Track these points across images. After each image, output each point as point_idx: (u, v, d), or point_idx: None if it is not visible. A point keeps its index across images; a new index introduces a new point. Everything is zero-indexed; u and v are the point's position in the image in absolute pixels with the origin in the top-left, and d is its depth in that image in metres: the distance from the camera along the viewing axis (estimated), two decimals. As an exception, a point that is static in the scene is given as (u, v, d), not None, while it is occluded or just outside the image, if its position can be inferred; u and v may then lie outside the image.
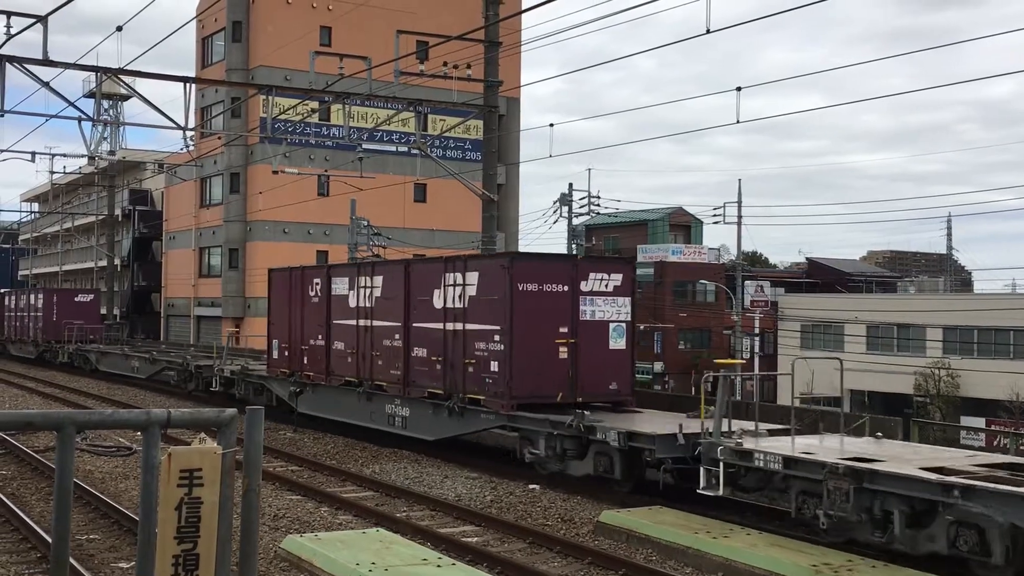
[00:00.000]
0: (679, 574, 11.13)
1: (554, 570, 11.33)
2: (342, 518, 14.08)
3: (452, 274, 18.28)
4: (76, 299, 47.37)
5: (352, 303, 21.39)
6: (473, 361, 17.49)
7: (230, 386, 27.02)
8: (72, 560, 9.06)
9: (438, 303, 18.51)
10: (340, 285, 22.01)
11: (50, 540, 4.47)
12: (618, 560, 11.40)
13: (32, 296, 49.64)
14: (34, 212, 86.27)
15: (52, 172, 55.12)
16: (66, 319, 44.73)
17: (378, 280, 20.69)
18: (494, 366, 17.05)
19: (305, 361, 23.03)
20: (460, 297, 17.96)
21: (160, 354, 34.85)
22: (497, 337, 17.00)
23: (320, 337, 22.46)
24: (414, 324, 19.18)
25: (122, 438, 20.59)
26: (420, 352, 19.06)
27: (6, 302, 53.79)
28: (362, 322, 20.92)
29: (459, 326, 17.93)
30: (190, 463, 4.36)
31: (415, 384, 19.11)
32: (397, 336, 19.71)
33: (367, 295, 20.89)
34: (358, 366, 20.98)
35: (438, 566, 10.25)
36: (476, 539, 12.69)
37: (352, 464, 18.64)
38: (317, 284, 22.86)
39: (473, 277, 17.79)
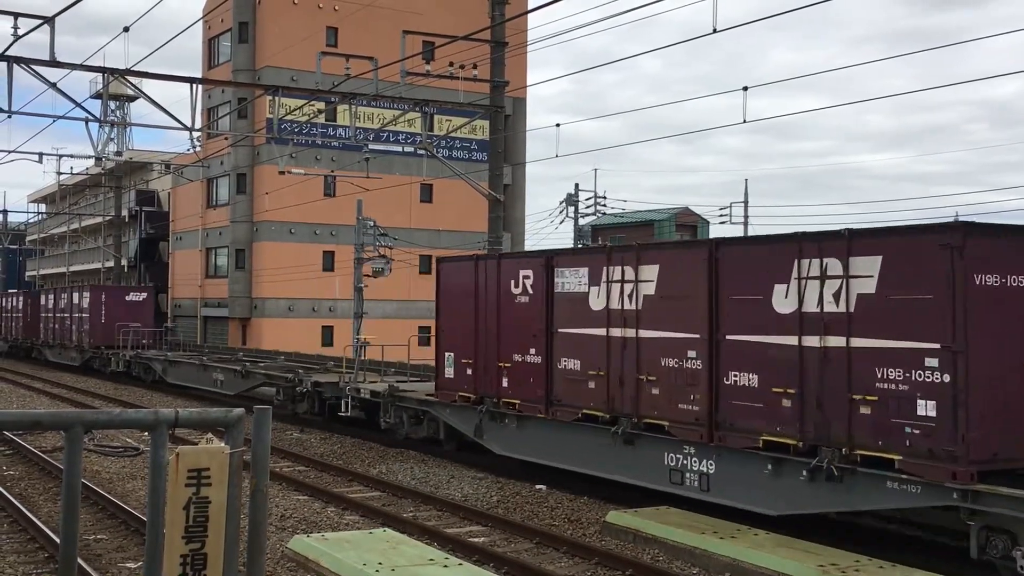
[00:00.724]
0: (686, 574, 11.12)
1: (561, 570, 11.33)
2: (349, 518, 14.10)
3: (818, 260, 12.07)
4: (128, 297, 41.82)
5: (597, 304, 15.22)
6: (872, 398, 11.38)
7: (369, 411, 21.88)
8: (80, 560, 9.07)
9: (784, 305, 12.45)
10: (572, 279, 15.84)
11: (58, 540, 4.48)
12: (625, 560, 11.40)
13: (76, 295, 43.81)
14: (41, 213, 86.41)
15: (59, 173, 55.18)
16: (118, 321, 39.44)
17: (649, 271, 14.39)
18: (924, 407, 10.91)
19: (504, 383, 17.10)
20: (838, 296, 11.84)
21: (255, 366, 28.62)
22: (931, 361, 10.86)
23: (533, 352, 16.45)
24: (730, 337, 13.07)
25: (129, 438, 20.63)
26: (743, 378, 12.96)
27: (42, 302, 48.87)
28: (617, 331, 14.76)
29: (836, 341, 11.80)
30: (198, 463, 4.36)
31: (732, 427, 12.99)
32: (693, 353, 13.53)
33: (628, 293, 14.70)
34: (609, 394, 14.83)
35: (445, 566, 10.24)
36: (483, 539, 12.69)
37: (359, 464, 18.66)
38: (526, 278, 16.84)
39: (869, 264, 11.53)
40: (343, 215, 45.08)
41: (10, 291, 63.34)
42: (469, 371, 18.04)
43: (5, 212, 75.44)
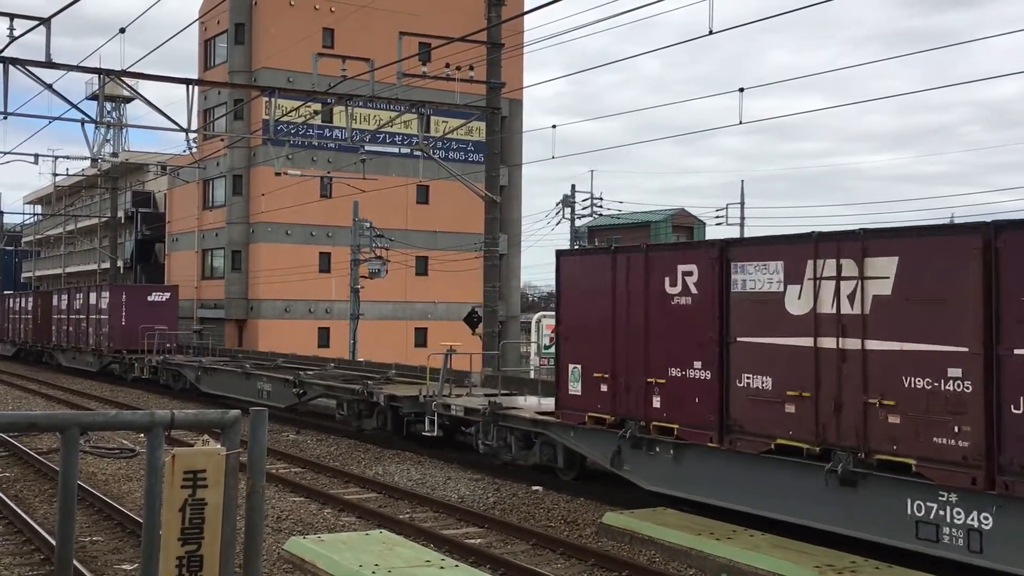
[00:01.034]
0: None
1: (557, 572, 11.33)
2: (345, 520, 14.09)
3: None
4: (149, 298, 38.35)
5: (798, 308, 12.00)
6: None
7: (450, 429, 19.29)
8: (76, 562, 9.06)
9: None
10: (759, 275, 12.57)
11: (54, 542, 4.47)
12: (621, 562, 11.40)
13: (93, 295, 40.69)
14: (37, 214, 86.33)
15: (55, 174, 55.13)
16: (142, 323, 36.31)
17: (882, 265, 11.11)
18: None
19: (655, 404, 13.88)
20: None
21: (308, 374, 25.07)
22: None
23: (699, 365, 13.26)
24: (1020, 351, 9.94)
25: (125, 440, 20.60)
26: None
27: (54, 302, 45.35)
28: (830, 342, 11.57)
29: None
30: (194, 464, 4.36)
31: None
32: (957, 372, 10.38)
33: (848, 293, 11.46)
34: (818, 422, 11.67)
35: (441, 567, 10.24)
36: (479, 541, 12.69)
37: (355, 466, 18.65)
38: (688, 275, 13.63)
39: None
40: (339, 216, 45.09)
41: (20, 291, 60.09)
42: (604, 387, 14.74)
43: (1, 213, 75.30)
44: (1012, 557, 9.86)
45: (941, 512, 10.60)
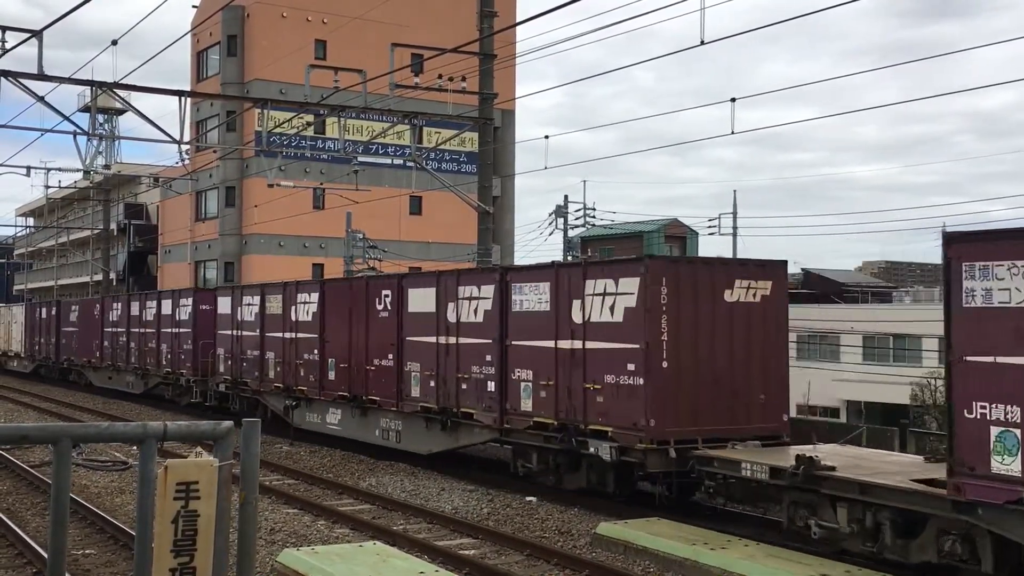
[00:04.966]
0: (677, 586, 11.10)
1: (552, 582, 11.30)
2: (339, 531, 14.05)
3: None
4: (203, 307, 29.38)
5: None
6: None
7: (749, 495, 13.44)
8: (68, 575, 9.03)
9: None
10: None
11: (46, 555, 4.46)
12: (616, 572, 11.38)
13: (135, 304, 33.85)
14: (29, 226, 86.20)
15: (47, 186, 55.09)
16: (203, 338, 28.60)
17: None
18: None
19: None
20: None
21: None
22: None
23: None
24: None
25: (118, 452, 20.55)
26: None
27: (94, 311, 38.04)
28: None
29: None
30: (187, 476, 4.35)
31: None
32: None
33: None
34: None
35: (435, 579, 10.21)
36: (473, 552, 12.66)
37: (348, 477, 18.61)
38: None
39: None
40: (332, 228, 45.09)
41: (42, 301, 52.38)
42: None
43: (-7, 226, 75.08)
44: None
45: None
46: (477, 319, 17.38)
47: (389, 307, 19.98)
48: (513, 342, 16.52)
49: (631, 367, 14.27)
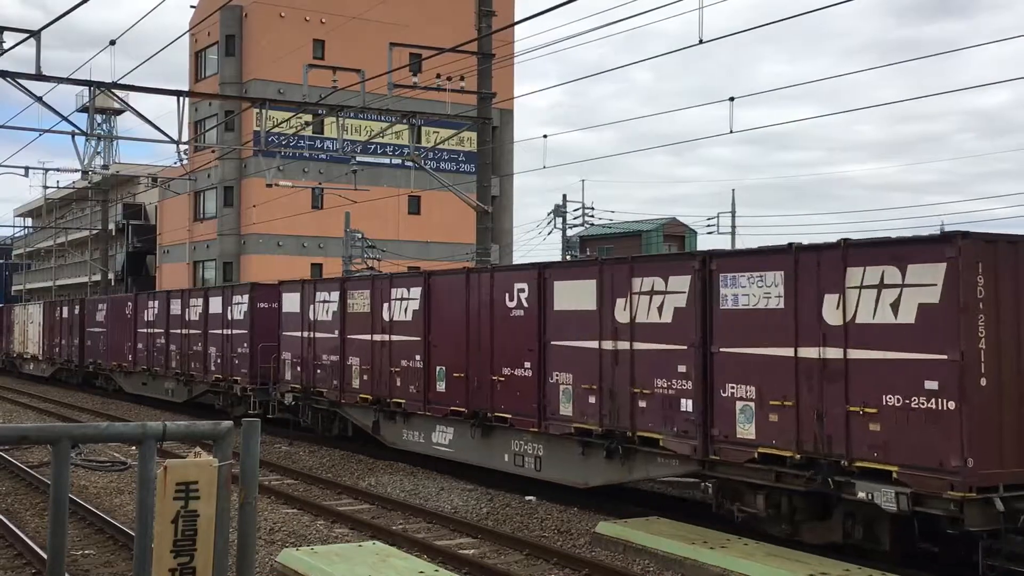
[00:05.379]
0: (676, 585, 11.09)
1: (551, 582, 11.30)
2: (338, 531, 14.05)
3: None
4: (260, 305, 25.44)
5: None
6: None
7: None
8: (67, 575, 9.03)
9: None
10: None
11: (45, 556, 4.46)
12: (615, 571, 11.38)
13: (177, 302, 30.00)
14: (27, 227, 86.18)
15: (45, 187, 55.07)
16: (263, 341, 24.59)
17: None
18: None
19: None
20: None
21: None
22: None
23: None
24: None
25: (117, 453, 20.54)
26: None
27: (126, 310, 34.16)
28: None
29: None
30: (186, 476, 4.35)
31: None
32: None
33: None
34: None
35: (435, 579, 10.21)
36: (473, 551, 12.66)
37: (348, 477, 18.60)
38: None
39: None
40: (331, 227, 45.10)
41: (63, 299, 48.16)
42: None
43: (-9, 226, 75.04)
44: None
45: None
46: (663, 319, 13.48)
47: (526, 304, 15.95)
48: (723, 349, 12.68)
49: (932, 385, 10.45)
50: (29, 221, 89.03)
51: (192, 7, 53.50)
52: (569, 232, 54.96)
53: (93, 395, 36.94)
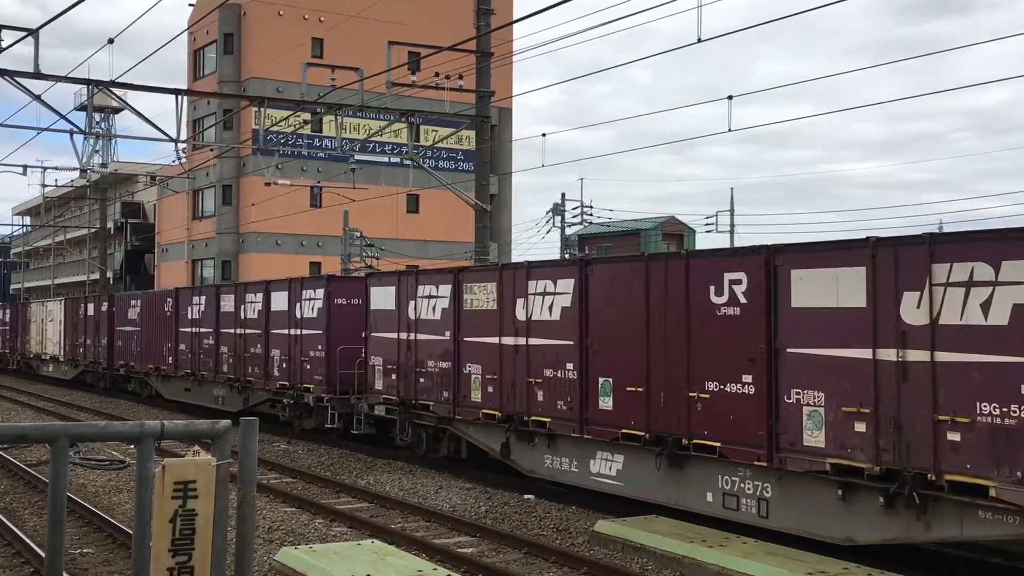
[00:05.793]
0: (675, 583, 11.09)
1: (550, 580, 11.30)
2: (337, 530, 14.05)
3: None
4: (338, 301, 22.10)
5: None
6: None
7: None
8: (66, 574, 9.02)
9: None
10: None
11: (44, 554, 4.45)
12: (614, 570, 11.38)
13: (228, 298, 26.78)
14: (26, 225, 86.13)
15: (44, 185, 55.01)
16: (343, 343, 21.38)
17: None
18: None
19: None
20: None
21: None
22: None
23: None
24: None
25: (115, 451, 20.53)
26: None
27: (165, 307, 30.71)
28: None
29: None
30: (184, 475, 4.35)
31: None
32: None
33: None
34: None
35: (433, 577, 10.21)
36: (471, 550, 12.66)
37: (346, 476, 18.60)
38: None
39: None
40: (329, 226, 45.10)
41: (89, 295, 43.65)
42: None
43: (-10, 225, 74.96)
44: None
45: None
46: (996, 319, 9.93)
47: (743, 299, 12.49)
48: None
49: None
50: (27, 220, 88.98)
51: (191, 5, 53.50)
52: (568, 231, 55.01)
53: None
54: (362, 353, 20.53)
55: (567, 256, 49.39)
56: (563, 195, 54.48)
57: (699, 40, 17.05)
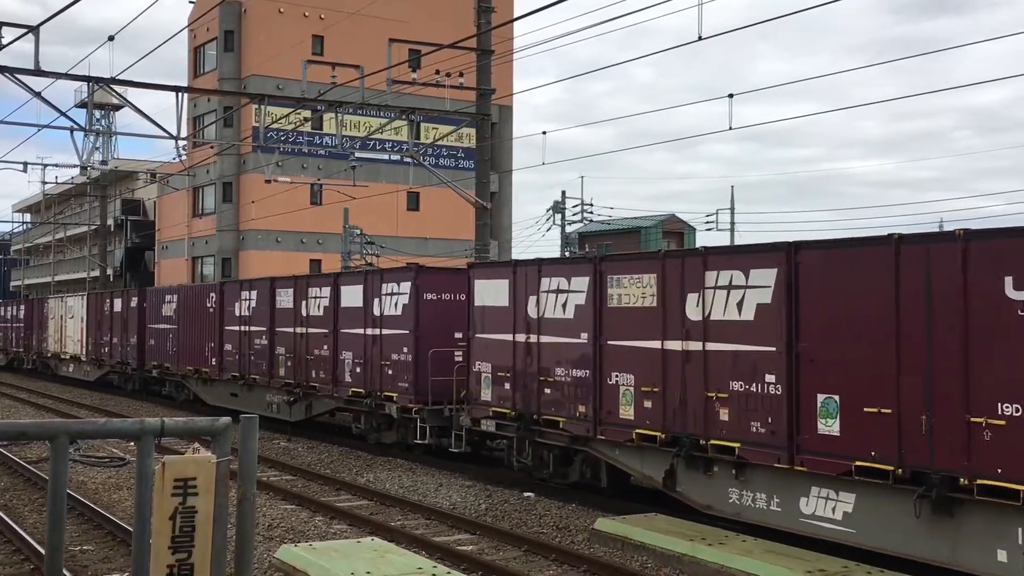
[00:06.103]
0: (675, 581, 11.09)
1: (549, 578, 11.31)
2: (336, 527, 14.06)
3: None
4: (427, 296, 19.46)
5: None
6: None
7: None
8: (66, 571, 9.02)
9: None
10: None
11: (44, 551, 4.46)
12: (614, 567, 11.39)
13: (288, 292, 23.93)
14: (26, 223, 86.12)
15: (44, 182, 55.02)
16: (433, 345, 18.74)
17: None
18: None
19: None
20: None
21: None
22: None
23: None
24: None
25: (115, 448, 20.54)
26: None
27: (207, 303, 28.01)
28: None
29: None
30: (184, 472, 4.35)
31: None
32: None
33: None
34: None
35: (433, 575, 10.23)
36: (471, 547, 12.67)
37: (346, 473, 18.60)
38: None
39: None
40: (330, 224, 45.09)
41: (116, 290, 40.45)
42: None
43: (-10, 222, 74.95)
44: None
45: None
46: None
47: None
48: None
49: None
50: (28, 217, 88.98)
51: (191, 2, 53.44)
52: (568, 229, 55.00)
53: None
54: (456, 357, 18.10)
55: (570, 253, 49.39)
56: (563, 193, 54.51)
57: (700, 38, 17.05)
